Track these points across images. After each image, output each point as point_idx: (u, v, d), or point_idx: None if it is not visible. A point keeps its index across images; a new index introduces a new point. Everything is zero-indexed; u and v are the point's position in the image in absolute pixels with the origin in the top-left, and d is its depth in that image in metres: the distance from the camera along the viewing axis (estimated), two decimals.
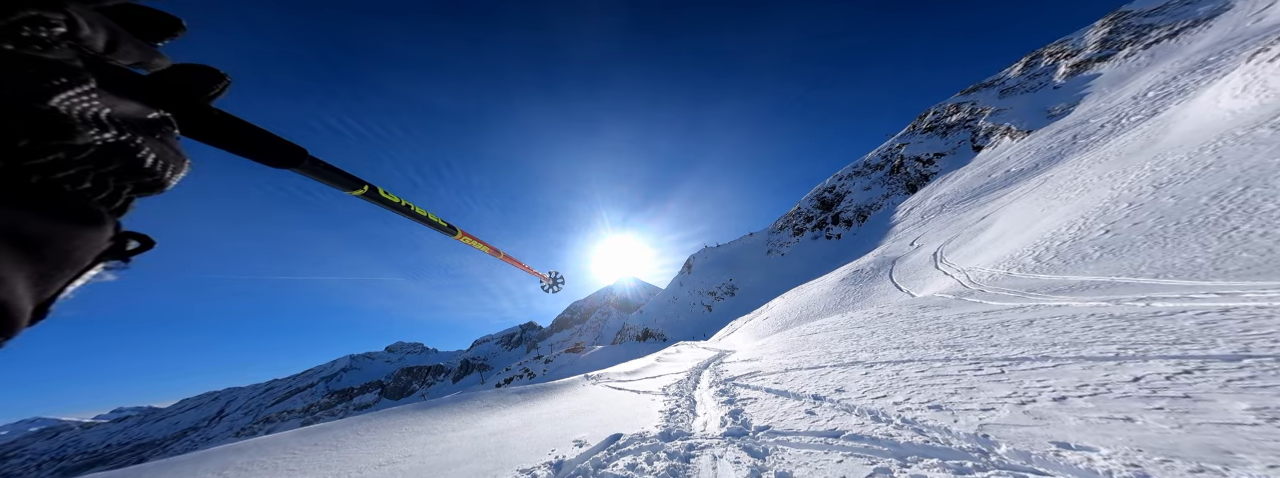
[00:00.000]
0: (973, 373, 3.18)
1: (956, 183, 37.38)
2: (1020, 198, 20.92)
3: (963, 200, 30.85)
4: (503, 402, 6.66)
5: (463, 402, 6.45)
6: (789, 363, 6.71)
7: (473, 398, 6.78)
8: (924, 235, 26.28)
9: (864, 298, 18.69)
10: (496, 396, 7.11)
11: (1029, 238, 12.65)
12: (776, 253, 71.15)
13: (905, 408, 2.74)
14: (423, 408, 5.94)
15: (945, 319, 6.73)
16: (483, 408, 6.19)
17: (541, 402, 6.63)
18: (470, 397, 6.87)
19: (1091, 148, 23.47)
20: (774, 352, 9.79)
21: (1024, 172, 28.48)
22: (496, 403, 6.58)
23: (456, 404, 6.30)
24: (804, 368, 5.63)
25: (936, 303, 9.49)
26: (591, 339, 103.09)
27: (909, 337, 5.84)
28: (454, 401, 6.57)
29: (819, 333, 10.82)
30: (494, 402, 6.64)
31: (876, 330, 7.67)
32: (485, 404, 6.43)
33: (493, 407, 6.32)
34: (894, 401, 2.98)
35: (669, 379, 8.96)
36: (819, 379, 4.51)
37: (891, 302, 13.21)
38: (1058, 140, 29.92)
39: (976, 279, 11.73)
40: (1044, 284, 8.40)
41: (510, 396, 7.15)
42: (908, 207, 42.81)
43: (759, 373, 6.44)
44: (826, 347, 7.46)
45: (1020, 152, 33.65)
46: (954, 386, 2.97)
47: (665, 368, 11.83)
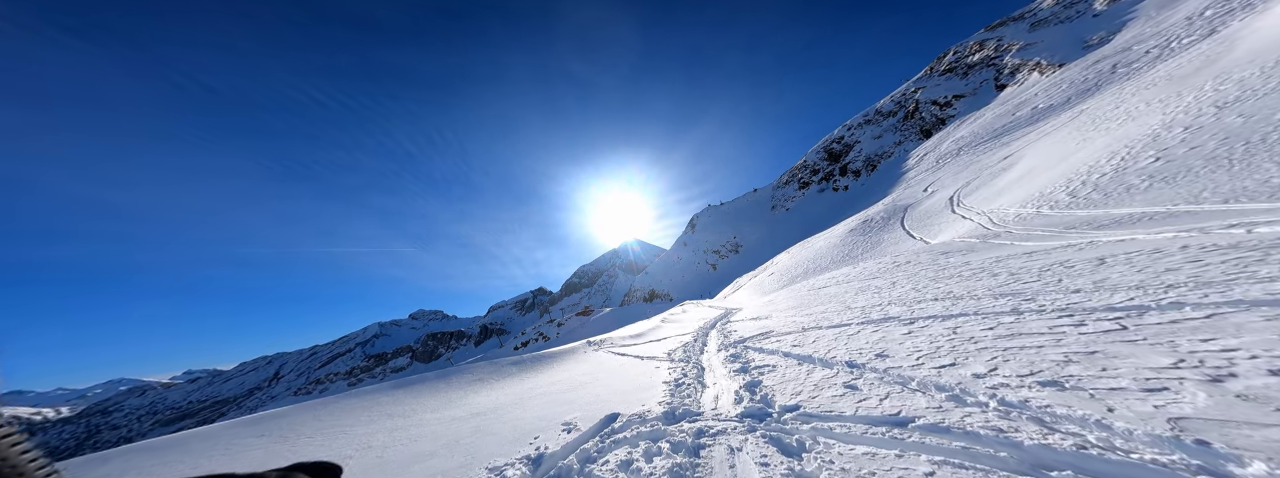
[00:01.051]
0: (1075, 330, 2.39)
1: (976, 124, 34.90)
2: (1049, 134, 19.23)
3: (983, 142, 28.87)
4: (496, 374, 6.17)
5: (449, 377, 5.95)
6: (804, 321, 6.06)
7: (464, 371, 6.29)
8: (939, 181, 24.87)
9: (874, 248, 17.95)
10: (491, 368, 6.63)
11: (1061, 173, 11.53)
12: (781, 208, 69.81)
13: (1000, 384, 1.98)
14: (404, 385, 5.44)
15: (979, 264, 5.93)
16: (473, 382, 5.68)
17: (537, 373, 6.13)
18: (461, 370, 6.38)
19: (1135, 76, 21.13)
20: (784, 308, 9.23)
21: (1054, 107, 26.17)
22: (490, 376, 6.09)
23: (443, 380, 5.81)
24: (824, 326, 4.94)
25: (959, 248, 8.68)
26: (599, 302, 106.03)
27: (944, 286, 5.07)
28: (441, 376, 6.08)
29: (830, 286, 10.19)
30: (487, 374, 6.15)
31: (897, 281, 6.93)
32: (476, 378, 5.93)
33: (485, 380, 5.82)
34: (973, 372, 2.22)
35: (674, 342, 8.40)
36: (848, 340, 3.80)
37: (904, 250, 12.44)
38: (1094, 71, 27.14)
39: (1001, 221, 10.83)
40: (1083, 220, 7.57)
41: (505, 367, 6.67)
42: (921, 153, 40.59)
43: (772, 333, 5.82)
44: (844, 301, 6.79)
45: (1050, 87, 30.81)
46: (1058, 349, 2.19)
47: (670, 330, 11.41)
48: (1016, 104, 32.62)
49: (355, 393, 5.09)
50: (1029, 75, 40.04)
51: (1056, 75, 33.00)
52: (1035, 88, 33.87)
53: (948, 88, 54.75)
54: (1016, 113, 30.29)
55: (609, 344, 9.65)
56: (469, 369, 6.34)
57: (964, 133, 35.13)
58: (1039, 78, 37.60)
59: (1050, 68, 37.31)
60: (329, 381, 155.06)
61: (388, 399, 4.74)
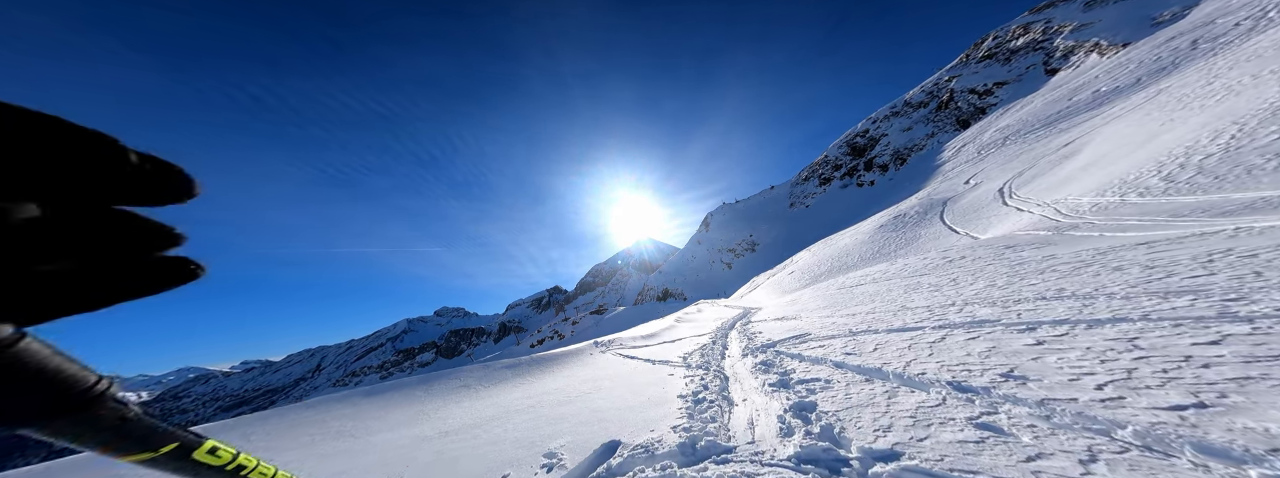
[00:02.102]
0: None
1: (1024, 112, 32.03)
2: (1121, 117, 17.03)
3: (1033, 129, 26.32)
4: (486, 380, 5.43)
5: (431, 383, 5.25)
6: (849, 322, 5.02)
7: (450, 376, 5.57)
8: (983, 172, 22.74)
9: (909, 245, 16.38)
10: (482, 373, 5.89)
11: (1147, 157, 9.88)
12: (800, 205, 67.21)
13: None
14: (377, 392, 4.77)
15: (1077, 258, 4.72)
16: (456, 390, 4.94)
17: (533, 379, 5.37)
18: (447, 376, 5.67)
19: (1224, 50, 18.50)
20: (814, 308, 8.15)
21: (1120, 89, 23.46)
22: (478, 382, 5.35)
23: (423, 387, 5.11)
24: (881, 330, 3.92)
25: (1028, 242, 7.34)
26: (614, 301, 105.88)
27: (1043, 283, 3.93)
28: (423, 381, 5.40)
29: (866, 284, 8.99)
30: (475, 380, 5.41)
31: (958, 278, 5.76)
32: (462, 384, 5.20)
33: (471, 387, 5.09)
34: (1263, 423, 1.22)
35: (690, 344, 7.48)
36: (933, 350, 2.79)
37: (950, 245, 10.99)
38: (1169, 49, 24.16)
39: (1073, 211, 9.32)
40: (1194, 206, 6.21)
41: (497, 372, 5.93)
42: (958, 144, 37.77)
43: (809, 336, 4.83)
44: (894, 300, 5.69)
45: (1114, 68, 27.78)
46: None
47: (686, 330, 10.50)
48: (1073, 88, 29.66)
49: (315, 402, 4.45)
50: (1086, 57, 36.51)
51: (1120, 56, 29.78)
52: (1095, 70, 30.70)
53: (988, 75, 50.96)
54: (1073, 97, 27.48)
55: (618, 345, 8.81)
56: (457, 374, 5.63)
57: (1009, 121, 32.33)
58: (1098, 60, 34.17)
59: (1111, 48, 33.84)
60: (363, 373, 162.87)
61: (348, 412, 4.06)
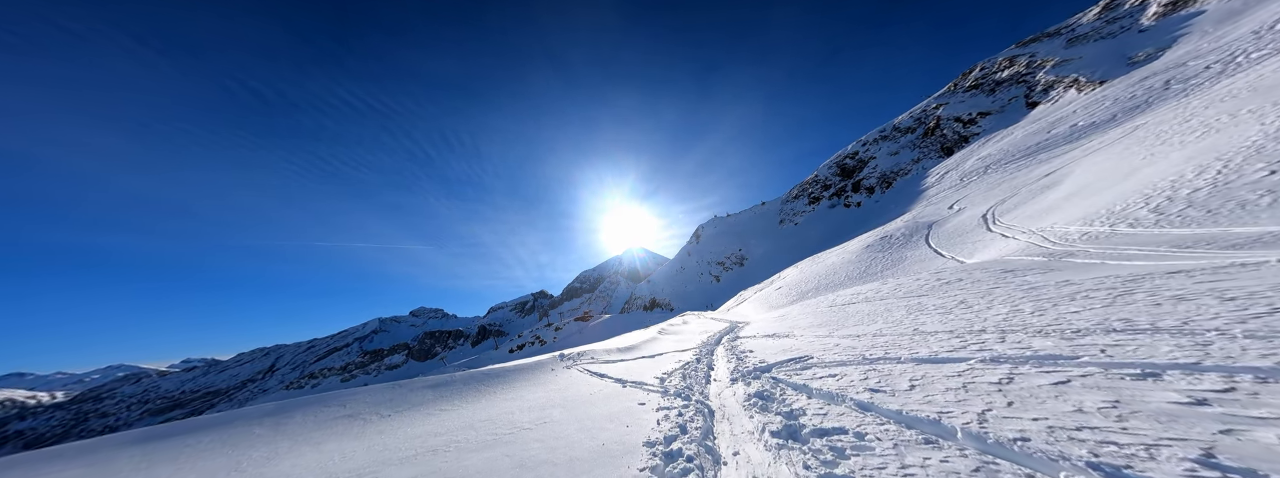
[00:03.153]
0: None
1: (1005, 142, 32.80)
2: (1099, 151, 17.25)
3: (1014, 160, 26.80)
4: (388, 406, 4.50)
5: (313, 409, 4.36)
6: (855, 345, 4.36)
7: (328, 402, 4.62)
8: (966, 198, 22.88)
9: (896, 266, 16.08)
10: (387, 395, 5.01)
11: (1131, 189, 9.74)
12: (789, 222, 67.65)
13: None
14: (225, 424, 3.86)
15: (1095, 286, 4.20)
16: (331, 421, 3.99)
17: (460, 404, 4.48)
18: (328, 399, 4.74)
19: (1196, 91, 19.08)
20: (806, 326, 7.52)
21: (1097, 124, 24.09)
22: (372, 409, 4.37)
23: (306, 411, 4.24)
24: (902, 359, 3.24)
25: (1026, 267, 6.91)
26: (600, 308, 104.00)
27: (1078, 312, 3.34)
28: (308, 405, 4.51)
29: (858, 303, 8.44)
30: (369, 407, 4.45)
31: (966, 301, 5.17)
32: (345, 413, 4.24)
33: (356, 418, 4.14)
34: None
35: (670, 361, 6.78)
36: (997, 392, 2.13)
37: (937, 268, 10.61)
38: (1143, 87, 25.04)
39: (1062, 239, 9.02)
40: (1195, 238, 5.94)
41: (413, 392, 5.07)
42: (942, 170, 38.46)
43: (811, 361, 4.15)
44: (897, 322, 5.07)
45: (1091, 104, 28.69)
46: None
47: (668, 343, 9.82)
48: (1051, 121, 30.52)
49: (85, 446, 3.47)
50: (1065, 92, 37.84)
51: (1097, 92, 30.85)
52: (1073, 105, 31.72)
53: (973, 105, 52.58)
54: (1052, 130, 28.19)
55: (588, 359, 7.99)
56: (346, 398, 4.74)
57: (991, 150, 33.04)
58: (1077, 95, 35.41)
59: (1089, 85, 35.13)
60: (323, 375, 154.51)
61: (136, 457, 3.16)
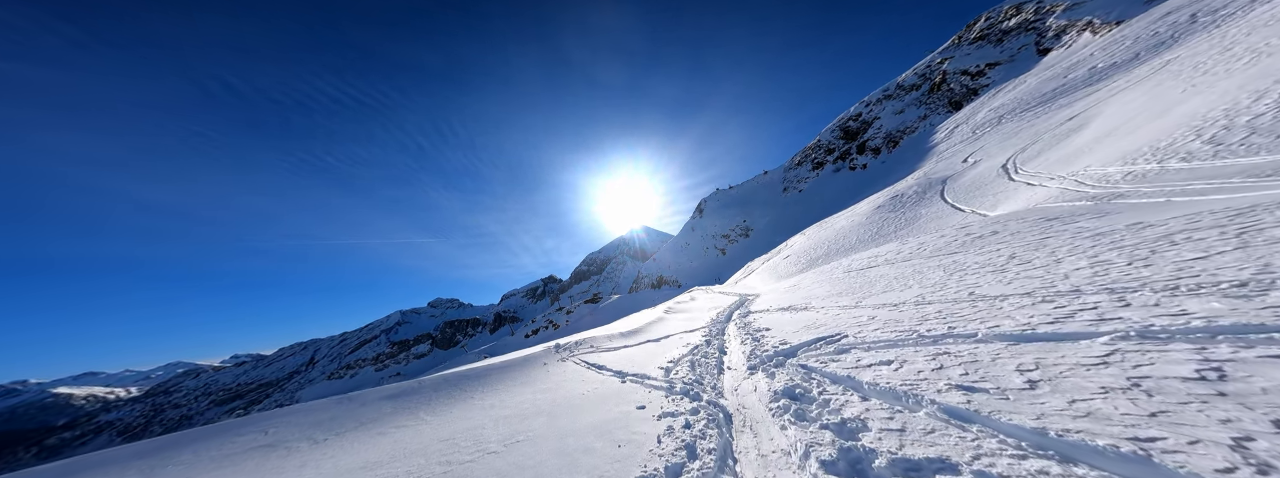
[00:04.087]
0: None
1: (1018, 91, 31.46)
2: (1126, 89, 16.39)
3: (1029, 107, 25.75)
4: (324, 428, 3.85)
5: (275, 425, 3.89)
6: (895, 317, 3.96)
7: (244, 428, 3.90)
8: (981, 150, 22.14)
9: (911, 225, 15.70)
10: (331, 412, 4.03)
11: (1173, 124, 9.16)
12: (794, 190, 66.73)
13: None
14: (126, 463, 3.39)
15: (1184, 227, 3.82)
16: (243, 454, 3.38)
17: (422, 418, 3.87)
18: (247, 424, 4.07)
19: (1228, 22, 17.87)
20: (824, 295, 7.18)
21: (1118, 65, 22.89)
22: (300, 436, 3.70)
23: (259, 430, 3.77)
24: (978, 335, 2.71)
25: (1075, 212, 6.50)
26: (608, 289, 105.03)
27: (1202, 258, 2.90)
28: (262, 422, 4.04)
29: (879, 266, 8.14)
30: (300, 432, 3.78)
31: (1020, 255, 4.76)
32: (264, 443, 3.55)
33: (275, 448, 3.50)
34: None
35: (677, 345, 6.35)
36: (1209, 398, 1.61)
37: (961, 223, 10.23)
38: (1166, 23, 23.57)
39: (1102, 181, 8.58)
40: (1272, 166, 5.43)
41: (366, 407, 4.22)
42: (951, 125, 37.24)
43: (843, 340, 3.68)
44: (938, 285, 4.65)
45: (1109, 45, 27.20)
46: None
47: (675, 323, 9.42)
48: (1067, 67, 29.09)
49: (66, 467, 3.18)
50: (1078, 36, 35.92)
51: (1115, 33, 29.20)
52: (1089, 48, 30.13)
53: (980, 56, 50.27)
54: (1069, 75, 26.90)
55: (586, 348, 7.43)
56: (305, 413, 4.21)
57: (1004, 100, 31.76)
58: (1092, 38, 33.60)
59: (1105, 26, 33.25)
60: (358, 366, 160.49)
61: None
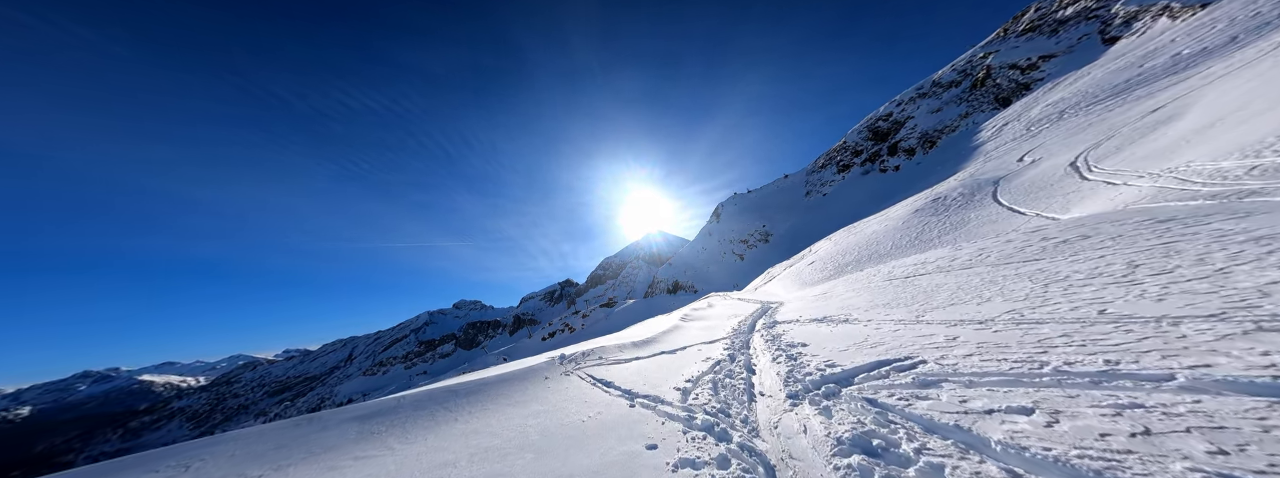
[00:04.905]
0: None
1: (1081, 83, 28.21)
2: (1227, 76, 13.87)
3: (1099, 100, 22.82)
4: (301, 447, 3.26)
5: (202, 457, 3.25)
6: (1001, 342, 2.76)
7: (249, 440, 3.38)
8: (1040, 147, 19.65)
9: (957, 229, 13.79)
10: (314, 429, 3.80)
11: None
12: (816, 194, 63.67)
13: None
14: None
15: None
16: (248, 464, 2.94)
17: (411, 440, 3.27)
18: (242, 439, 3.51)
19: None
20: (866, 306, 5.81)
21: (1210, 50, 19.82)
22: (302, 444, 3.23)
23: (180, 464, 3.16)
24: (1184, 384, 1.68)
25: (1190, 214, 4.88)
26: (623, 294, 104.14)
27: None
28: (186, 454, 3.42)
29: (929, 274, 6.67)
30: (286, 444, 3.22)
31: (1146, 263, 3.40)
32: (258, 453, 3.09)
33: (280, 464, 3.07)
34: None
35: (696, 360, 5.32)
36: None
37: (1033, 227, 8.50)
38: (1271, 2, 20.28)
39: (1217, 177, 6.76)
40: None
41: (337, 427, 3.82)
42: (1000, 122, 34.01)
43: (925, 369, 2.61)
44: (1029, 298, 3.36)
45: (1196, 29, 23.82)
46: None
47: (693, 332, 8.34)
48: (1142, 55, 25.76)
49: None
50: (1154, 22, 32.00)
51: (1202, 16, 25.63)
52: (1169, 34, 26.60)
53: (1031, 49, 46.15)
54: (1145, 64, 23.72)
55: (593, 359, 6.41)
56: (247, 440, 3.46)
57: (1064, 94, 28.57)
58: (1170, 23, 29.79)
59: (1186, 10, 29.40)
60: (390, 363, 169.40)
61: None
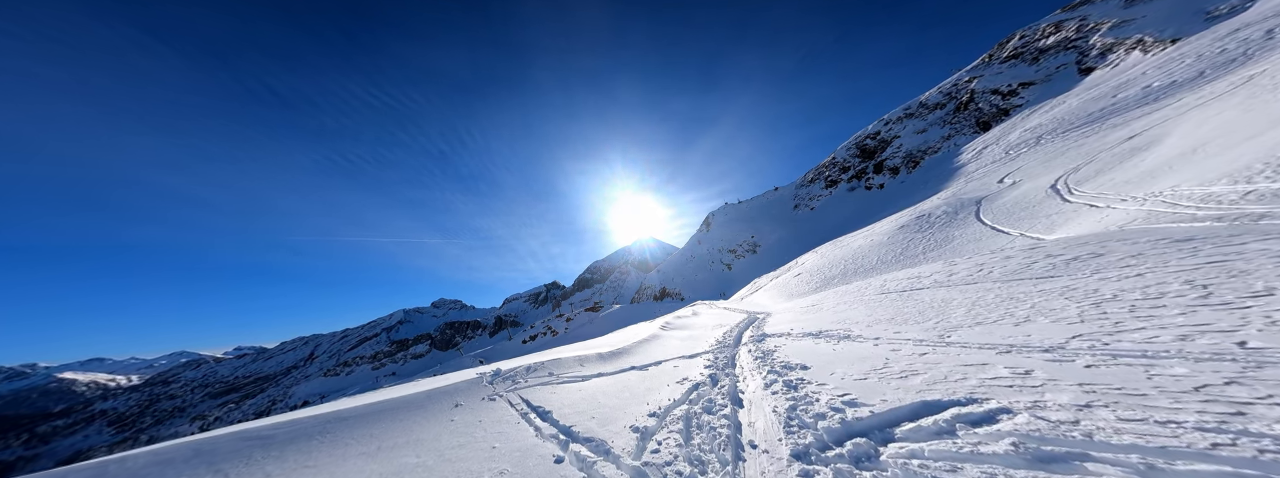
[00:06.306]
0: None
1: (1058, 111, 29.20)
2: (1200, 106, 14.30)
3: (1074, 127, 23.54)
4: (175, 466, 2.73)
5: None
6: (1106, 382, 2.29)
7: None
8: (1019, 170, 20.04)
9: (942, 247, 13.73)
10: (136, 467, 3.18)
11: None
12: (805, 207, 64.48)
13: None
14: None
15: None
16: None
17: None
18: None
19: None
20: (865, 321, 5.36)
21: (1179, 83, 20.66)
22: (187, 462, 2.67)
23: None
24: None
25: (1205, 234, 4.60)
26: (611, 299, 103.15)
27: None
28: None
29: (927, 289, 6.32)
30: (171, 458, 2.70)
31: (1177, 288, 3.08)
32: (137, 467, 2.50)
33: None
34: None
35: (669, 383, 4.56)
36: None
37: (1024, 246, 8.32)
38: (1236, 40, 21.33)
39: (1209, 200, 6.67)
40: None
41: (144, 467, 3.22)
42: (980, 145, 34.96)
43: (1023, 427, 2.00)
44: (1075, 320, 2.97)
45: (1166, 63, 24.92)
46: None
47: (671, 344, 7.55)
48: (1115, 86, 26.82)
49: None
50: (1127, 55, 33.52)
51: (1172, 51, 26.89)
52: (1140, 67, 27.82)
53: (1012, 75, 47.92)
54: (1119, 94, 24.66)
55: (541, 375, 4.89)
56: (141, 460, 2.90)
57: (1041, 120, 29.51)
58: (1142, 56, 31.22)
59: (1158, 44, 30.87)
60: (356, 363, 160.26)
61: None
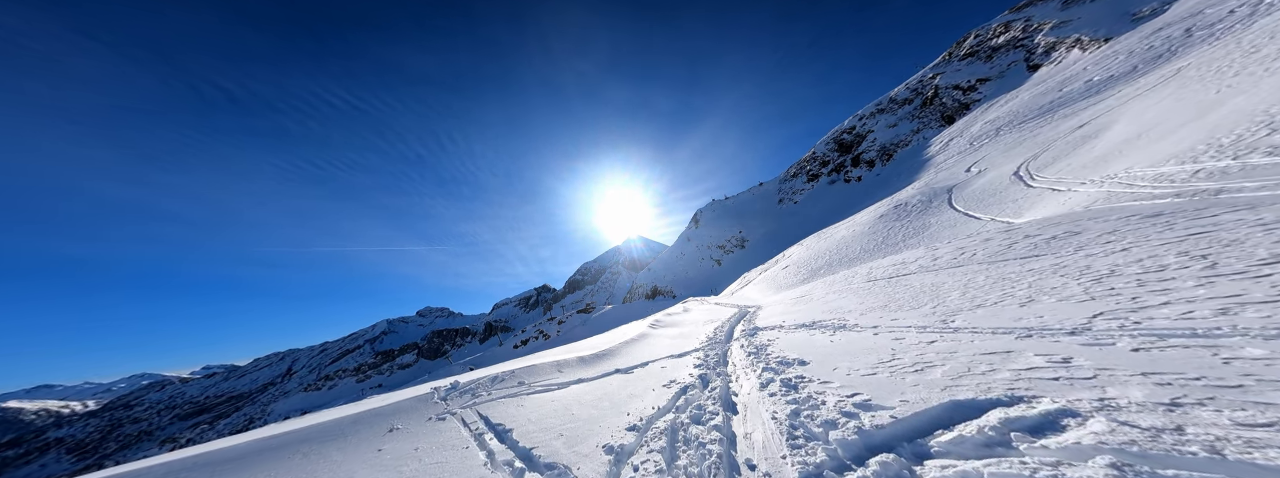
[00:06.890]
0: None
1: (1012, 105, 31.46)
2: (1138, 97, 15.88)
3: (1027, 120, 25.48)
4: None
5: None
6: (1164, 369, 2.76)
7: None
8: (984, 160, 21.55)
9: (920, 234, 14.67)
10: None
11: (1227, 122, 8.45)
12: (789, 201, 66.46)
13: None
14: None
15: None
16: None
17: None
18: None
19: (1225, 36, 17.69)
20: (858, 310, 5.73)
21: (1116, 77, 22.76)
22: None
23: None
24: None
25: (1175, 211, 5.25)
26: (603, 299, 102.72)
27: None
28: None
29: (914, 274, 6.91)
30: None
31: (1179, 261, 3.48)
32: None
33: None
34: None
35: (656, 387, 4.15)
36: None
37: (996, 229, 9.12)
38: (1161, 38, 23.68)
39: (1161, 180, 7.55)
40: None
41: None
42: (946, 138, 37.18)
43: (1102, 434, 2.48)
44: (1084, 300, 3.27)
45: (1102, 59, 27.35)
46: None
47: (661, 344, 7.23)
48: (1060, 81, 29.17)
49: None
50: (1068, 53, 36.47)
51: (1106, 49, 29.51)
52: (1081, 63, 30.38)
53: (971, 72, 51.11)
54: (1064, 88, 26.85)
55: (510, 385, 4.34)
56: None
57: (998, 114, 31.70)
58: (1081, 54, 34.05)
59: (1094, 43, 33.76)
60: (338, 377, 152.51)
61: None
